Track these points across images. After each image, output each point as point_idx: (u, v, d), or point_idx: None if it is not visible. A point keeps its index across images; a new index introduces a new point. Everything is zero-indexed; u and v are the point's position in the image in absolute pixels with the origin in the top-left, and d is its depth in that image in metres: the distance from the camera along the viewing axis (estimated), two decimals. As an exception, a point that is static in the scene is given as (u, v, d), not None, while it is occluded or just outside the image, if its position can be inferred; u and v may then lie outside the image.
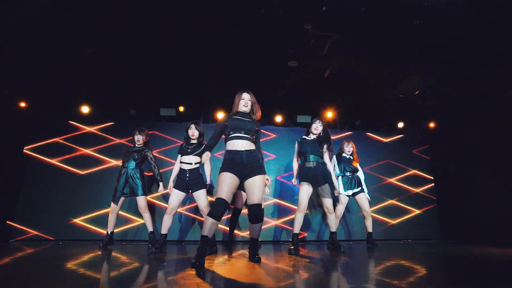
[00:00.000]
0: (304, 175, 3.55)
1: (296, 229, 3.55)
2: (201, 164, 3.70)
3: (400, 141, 5.95)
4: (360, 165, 4.43)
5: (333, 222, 3.71)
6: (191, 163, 3.56)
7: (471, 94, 4.92)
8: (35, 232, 4.64)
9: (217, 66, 4.47)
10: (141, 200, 3.87)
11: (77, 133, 5.16)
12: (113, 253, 3.37)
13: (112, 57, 4.24)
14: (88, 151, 5.09)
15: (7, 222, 4.60)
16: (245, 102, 2.79)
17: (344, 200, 4.18)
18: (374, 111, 5.85)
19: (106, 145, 5.14)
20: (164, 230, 3.56)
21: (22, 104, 4.93)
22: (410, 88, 4.89)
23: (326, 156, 3.64)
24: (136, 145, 4.02)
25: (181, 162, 3.61)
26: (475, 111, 5.05)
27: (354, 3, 2.96)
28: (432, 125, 5.89)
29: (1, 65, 4.20)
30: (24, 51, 4.00)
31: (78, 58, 4.21)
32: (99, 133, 5.22)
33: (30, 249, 3.69)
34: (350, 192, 4.20)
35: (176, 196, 3.51)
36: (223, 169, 2.62)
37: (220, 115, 5.46)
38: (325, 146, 3.62)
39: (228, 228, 4.48)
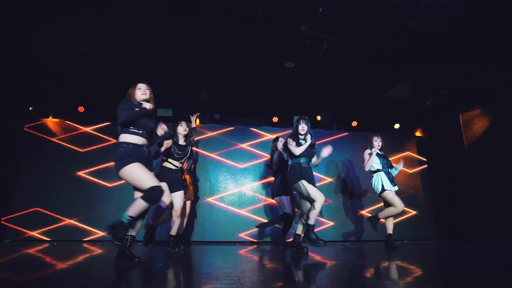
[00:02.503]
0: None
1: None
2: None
3: (396, 141, 5.96)
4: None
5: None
6: (177, 167, 3.55)
7: (468, 93, 4.93)
8: (30, 233, 4.61)
9: (213, 66, 4.47)
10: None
11: (73, 133, 5.13)
12: (108, 253, 3.35)
13: (109, 57, 4.22)
14: (84, 151, 5.06)
15: (2, 222, 4.57)
16: (142, 91, 2.68)
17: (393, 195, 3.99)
18: (370, 112, 5.88)
19: (102, 145, 5.11)
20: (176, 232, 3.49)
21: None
22: (405, 89, 4.91)
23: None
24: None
25: (168, 162, 3.52)
26: (472, 111, 5.07)
27: (350, 4, 2.97)
28: (426, 126, 5.93)
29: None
30: (21, 50, 3.98)
31: (75, 58, 4.19)
32: (95, 133, 5.19)
33: (24, 249, 3.66)
34: (396, 188, 4.03)
35: (169, 194, 3.39)
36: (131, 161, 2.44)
37: (217, 116, 5.46)
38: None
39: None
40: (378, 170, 4.07)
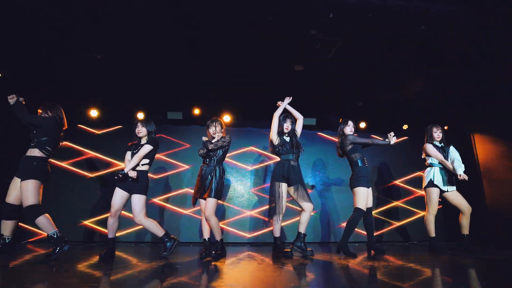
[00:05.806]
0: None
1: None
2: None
3: (405, 143, 5.96)
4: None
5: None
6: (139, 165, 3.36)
7: (476, 95, 4.92)
8: (45, 234, 4.71)
9: (224, 69, 4.53)
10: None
11: (86, 136, 5.24)
12: (123, 255, 3.43)
13: (120, 61, 4.30)
14: (96, 154, 5.17)
15: (19, 224, 4.68)
16: None
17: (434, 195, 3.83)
18: (378, 113, 5.87)
19: (114, 148, 5.19)
20: (111, 234, 3.23)
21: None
22: (413, 91, 4.92)
23: None
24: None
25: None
26: (482, 113, 5.05)
27: (361, 9, 3.00)
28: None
29: (9, 68, 4.30)
30: (34, 55, 4.09)
31: (87, 62, 4.28)
32: (107, 136, 5.30)
33: (41, 250, 3.77)
34: (449, 188, 3.84)
35: (120, 196, 3.24)
36: None
37: (227, 118, 5.51)
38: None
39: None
40: (431, 165, 3.86)
